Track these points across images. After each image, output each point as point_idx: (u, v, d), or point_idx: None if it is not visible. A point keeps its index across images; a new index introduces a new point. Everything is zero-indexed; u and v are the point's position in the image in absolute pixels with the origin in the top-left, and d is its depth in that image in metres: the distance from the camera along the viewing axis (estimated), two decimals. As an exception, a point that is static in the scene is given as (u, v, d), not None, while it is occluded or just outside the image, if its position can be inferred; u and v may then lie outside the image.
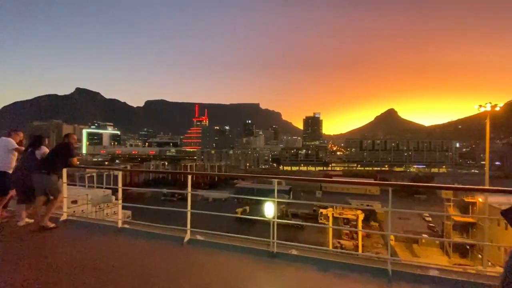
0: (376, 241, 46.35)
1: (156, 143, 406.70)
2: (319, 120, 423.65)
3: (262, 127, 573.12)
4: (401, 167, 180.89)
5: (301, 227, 52.66)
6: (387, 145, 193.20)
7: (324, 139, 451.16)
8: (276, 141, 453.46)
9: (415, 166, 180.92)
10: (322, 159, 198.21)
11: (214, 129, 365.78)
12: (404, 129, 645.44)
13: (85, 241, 5.44)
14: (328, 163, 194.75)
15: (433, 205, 74.23)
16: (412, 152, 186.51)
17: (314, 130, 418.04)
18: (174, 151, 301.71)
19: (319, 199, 77.85)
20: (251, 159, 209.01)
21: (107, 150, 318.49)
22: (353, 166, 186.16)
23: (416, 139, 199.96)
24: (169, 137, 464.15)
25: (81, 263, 4.32)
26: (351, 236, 45.29)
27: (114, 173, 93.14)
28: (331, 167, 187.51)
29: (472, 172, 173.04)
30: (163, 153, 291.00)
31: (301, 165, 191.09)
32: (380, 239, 47.82)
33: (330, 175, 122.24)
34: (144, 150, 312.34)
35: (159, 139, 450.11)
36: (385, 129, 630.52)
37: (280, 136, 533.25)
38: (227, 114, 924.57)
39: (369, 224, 52.29)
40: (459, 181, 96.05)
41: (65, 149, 6.30)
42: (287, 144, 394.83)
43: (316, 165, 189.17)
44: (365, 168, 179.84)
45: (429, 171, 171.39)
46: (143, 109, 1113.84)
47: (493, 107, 22.89)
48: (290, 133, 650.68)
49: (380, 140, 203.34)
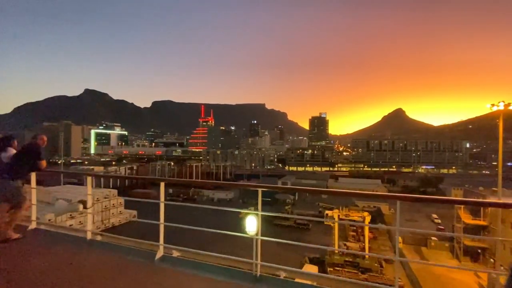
0: (383, 244, 45.36)
1: (163, 143, 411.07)
2: (325, 120, 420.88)
3: (267, 127, 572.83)
4: (409, 168, 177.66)
5: (307, 228, 52.10)
6: (395, 145, 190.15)
7: (331, 139, 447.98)
8: (281, 141, 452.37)
9: (424, 166, 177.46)
10: (328, 159, 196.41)
11: (219, 129, 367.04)
12: (412, 129, 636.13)
13: (48, 255, 4.89)
14: (334, 163, 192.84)
15: (442, 207, 72.57)
16: (421, 152, 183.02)
17: (320, 130, 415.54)
18: (180, 151, 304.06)
19: (325, 200, 76.86)
20: (257, 159, 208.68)
21: (114, 150, 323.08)
22: (360, 166, 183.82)
23: (425, 139, 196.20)
24: (175, 138, 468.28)
25: (41, 280, 3.89)
26: (358, 238, 44.45)
27: (120, 172, 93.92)
28: (338, 168, 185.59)
29: (484, 173, 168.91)
30: (170, 153, 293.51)
31: (307, 165, 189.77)
32: (387, 241, 46.79)
33: (336, 176, 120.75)
34: (151, 150, 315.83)
35: (165, 139, 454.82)
36: (393, 129, 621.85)
37: (285, 136, 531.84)
38: (233, 115, 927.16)
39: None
40: (470, 183, 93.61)
41: (32, 151, 5.64)
42: (293, 144, 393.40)
43: (322, 165, 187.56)
44: (372, 168, 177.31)
45: (438, 172, 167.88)
46: (150, 110, 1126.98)
47: (507, 105, 21.93)
48: (296, 133, 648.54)
49: (387, 140, 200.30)
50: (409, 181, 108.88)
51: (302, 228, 52.47)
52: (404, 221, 60.28)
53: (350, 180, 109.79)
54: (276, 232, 50.36)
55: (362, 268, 33.23)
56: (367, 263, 33.46)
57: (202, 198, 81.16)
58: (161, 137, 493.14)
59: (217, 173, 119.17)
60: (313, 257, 35.80)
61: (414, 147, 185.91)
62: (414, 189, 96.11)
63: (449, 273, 35.66)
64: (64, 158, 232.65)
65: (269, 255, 29.45)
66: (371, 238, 41.74)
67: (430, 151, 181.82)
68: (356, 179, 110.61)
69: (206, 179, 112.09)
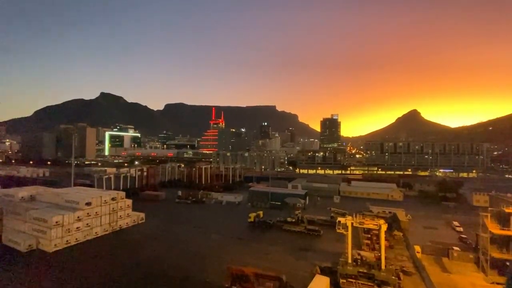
0: (400, 253, 42.49)
1: (174, 145, 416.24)
2: (337, 122, 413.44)
3: (278, 129, 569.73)
4: (426, 171, 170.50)
5: (318, 235, 49.79)
6: (410, 148, 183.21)
7: (343, 142, 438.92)
8: (292, 143, 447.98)
9: (442, 170, 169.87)
10: (340, 162, 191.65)
11: (230, 131, 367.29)
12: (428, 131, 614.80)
13: None
14: (347, 166, 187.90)
15: (463, 214, 68.20)
16: (438, 155, 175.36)
17: (332, 132, 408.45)
18: (191, 153, 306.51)
19: (337, 205, 73.98)
20: (267, 162, 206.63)
21: (127, 152, 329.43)
22: (374, 169, 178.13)
23: (442, 141, 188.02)
24: (187, 140, 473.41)
25: None
26: (372, 246, 41.80)
27: (131, 174, 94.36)
28: (350, 171, 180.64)
29: (506, 177, 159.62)
30: (181, 155, 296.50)
31: (318, 168, 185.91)
32: (405, 251, 43.85)
33: (349, 179, 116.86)
34: (163, 152, 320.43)
35: (177, 141, 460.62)
36: (408, 131, 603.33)
37: (296, 138, 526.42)
38: (243, 117, 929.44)
39: (392, 233, 48.31)
40: (493, 188, 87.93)
41: None
42: (304, 146, 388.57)
43: (334, 168, 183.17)
44: (387, 172, 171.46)
45: (457, 175, 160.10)
46: (163, 112, 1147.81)
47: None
48: (307, 135, 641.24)
49: (402, 143, 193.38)
50: (426, 186, 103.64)
51: (313, 234, 50.17)
52: (422, 228, 56.76)
53: (364, 184, 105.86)
54: (285, 238, 48.36)
55: (378, 280, 30.77)
56: (384, 275, 30.96)
57: (210, 201, 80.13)
58: (173, 139, 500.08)
59: (226, 175, 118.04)
60: (324, 267, 33.66)
61: (430, 149, 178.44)
62: (432, 194, 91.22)
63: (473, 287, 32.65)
64: (79, 160, 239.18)
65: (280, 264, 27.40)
66: (387, 246, 39.05)
67: (448, 154, 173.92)
68: (370, 183, 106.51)
69: (215, 181, 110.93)
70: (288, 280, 28.97)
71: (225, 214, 67.25)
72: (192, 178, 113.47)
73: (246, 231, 52.73)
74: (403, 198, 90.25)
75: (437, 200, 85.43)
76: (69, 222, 42.73)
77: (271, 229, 53.57)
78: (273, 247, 43.35)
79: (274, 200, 74.63)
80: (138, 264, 35.92)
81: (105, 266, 35.13)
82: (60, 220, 41.73)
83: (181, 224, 55.82)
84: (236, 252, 40.76)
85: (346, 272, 31.92)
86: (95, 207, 47.32)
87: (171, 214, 63.85)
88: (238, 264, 32.50)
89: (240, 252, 41.07)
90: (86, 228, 45.16)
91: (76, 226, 43.78)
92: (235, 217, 62.99)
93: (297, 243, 45.66)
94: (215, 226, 54.68)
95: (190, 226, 54.44)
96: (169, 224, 55.47)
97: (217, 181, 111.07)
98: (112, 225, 49.73)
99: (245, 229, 53.78)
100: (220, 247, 42.98)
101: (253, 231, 52.53)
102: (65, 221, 42.22)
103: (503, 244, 35.96)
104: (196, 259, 37.89)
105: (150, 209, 63.81)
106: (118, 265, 35.52)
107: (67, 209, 45.75)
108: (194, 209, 70.27)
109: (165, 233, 49.11)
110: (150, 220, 56.78)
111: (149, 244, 43.43)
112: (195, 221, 58.77)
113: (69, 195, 50.10)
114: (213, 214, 66.81)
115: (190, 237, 47.70)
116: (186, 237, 47.28)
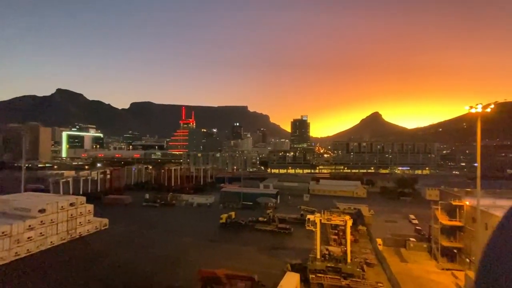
0: (364, 246, 45.26)
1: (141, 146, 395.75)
2: (306, 123, 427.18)
3: (250, 129, 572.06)
4: (386, 169, 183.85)
5: (289, 233, 50.95)
6: (373, 148, 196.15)
7: (312, 142, 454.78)
8: (264, 143, 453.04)
9: (400, 168, 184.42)
10: (309, 161, 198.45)
11: (201, 131, 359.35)
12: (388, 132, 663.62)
13: None
14: (315, 165, 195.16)
15: (418, 208, 74.67)
16: (397, 154, 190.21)
17: (302, 132, 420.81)
18: (160, 154, 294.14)
19: (307, 203, 76.46)
20: (239, 162, 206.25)
21: (88, 153, 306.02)
22: (340, 168, 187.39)
23: (400, 142, 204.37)
24: (155, 140, 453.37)
25: None
26: (339, 241, 43.95)
27: (93, 177, 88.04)
28: (319, 170, 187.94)
29: (454, 173, 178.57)
30: (148, 156, 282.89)
31: (288, 167, 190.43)
32: (368, 244, 46.81)
33: (318, 178, 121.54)
34: (129, 153, 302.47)
35: (144, 142, 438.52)
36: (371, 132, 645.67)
37: (268, 138, 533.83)
38: (215, 117, 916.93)
39: (356, 228, 51.22)
40: (442, 183, 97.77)
41: None
42: (275, 146, 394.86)
43: (304, 167, 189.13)
44: (352, 170, 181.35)
45: (413, 172, 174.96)
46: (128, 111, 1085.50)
47: (485, 107, 22.15)
48: (278, 135, 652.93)
49: (366, 143, 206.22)
50: (386, 182, 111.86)
51: (283, 232, 51.24)
52: (383, 222, 61.01)
53: (331, 182, 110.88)
54: (257, 237, 48.73)
55: (344, 273, 32.43)
56: (349, 268, 32.73)
57: (181, 203, 77.72)
58: (139, 139, 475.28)
59: (197, 177, 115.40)
60: (295, 264, 34.56)
61: (390, 149, 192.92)
62: (392, 190, 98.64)
63: (428, 275, 35.93)
64: (31, 162, 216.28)
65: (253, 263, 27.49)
66: (352, 241, 41.28)
67: (405, 153, 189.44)
68: (337, 181, 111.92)
69: (185, 183, 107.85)
70: (260, 279, 29.25)
71: (196, 216, 65.71)
72: (161, 180, 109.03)
73: (218, 232, 52.10)
74: (366, 194, 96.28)
75: (396, 196, 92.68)
76: (18, 232, 38.45)
77: (243, 229, 53.58)
78: (246, 247, 43.41)
79: (246, 200, 74.80)
80: (96, 275, 33.36)
81: (57, 279, 32.08)
82: (8, 230, 37.37)
83: (148, 228, 53.25)
84: (208, 255, 40.04)
85: (315, 267, 33.14)
86: (50, 214, 43.19)
87: (137, 219, 60.55)
88: (210, 266, 31.90)
89: (212, 254, 40.44)
90: (39, 237, 40.99)
91: (27, 236, 39.55)
92: (207, 219, 61.87)
93: (269, 242, 46.27)
94: (185, 229, 53.13)
95: (159, 230, 52.23)
96: (136, 229, 52.57)
97: (187, 183, 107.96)
98: (70, 233, 45.81)
99: (217, 230, 53.12)
100: (191, 250, 41.88)
101: (225, 232, 52.07)
102: (13, 231, 37.91)
103: (451, 234, 40.14)
104: (165, 264, 36.47)
105: (115, 214, 59.94)
106: (73, 278, 32.60)
107: (16, 217, 41.12)
108: (163, 213, 67.54)
109: (131, 239, 46.45)
110: (114, 226, 53.29)
111: (112, 252, 40.70)
112: (164, 224, 56.56)
113: (18, 202, 45.06)
114: (184, 216, 64.91)
115: (158, 241, 45.74)
116: (154, 242, 45.26)
